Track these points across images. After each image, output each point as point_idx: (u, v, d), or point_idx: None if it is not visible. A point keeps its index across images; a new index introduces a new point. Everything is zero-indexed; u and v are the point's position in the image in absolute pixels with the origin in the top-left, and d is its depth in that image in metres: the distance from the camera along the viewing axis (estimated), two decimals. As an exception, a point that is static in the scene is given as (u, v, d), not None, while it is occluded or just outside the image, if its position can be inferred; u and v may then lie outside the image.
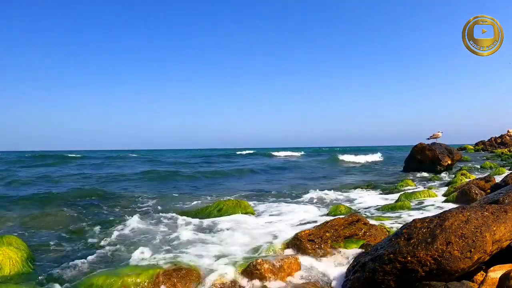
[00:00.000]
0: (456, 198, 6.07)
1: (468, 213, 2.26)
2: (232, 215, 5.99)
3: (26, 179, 12.44)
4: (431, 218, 2.35)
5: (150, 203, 8.03)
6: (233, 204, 6.24)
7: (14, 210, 7.26)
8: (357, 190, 9.59)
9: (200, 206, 7.21)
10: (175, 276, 2.53)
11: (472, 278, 2.22)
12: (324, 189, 10.11)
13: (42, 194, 9.00)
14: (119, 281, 2.49)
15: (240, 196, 8.87)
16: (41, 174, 14.97)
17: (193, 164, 22.36)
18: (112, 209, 7.46)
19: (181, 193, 9.60)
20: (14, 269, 3.42)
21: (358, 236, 3.59)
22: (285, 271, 2.69)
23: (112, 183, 11.72)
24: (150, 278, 2.49)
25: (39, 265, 3.91)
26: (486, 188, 6.41)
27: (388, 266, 2.24)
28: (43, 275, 3.58)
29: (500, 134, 35.99)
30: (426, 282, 2.11)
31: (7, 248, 3.60)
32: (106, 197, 8.80)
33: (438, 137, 14.69)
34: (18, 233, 5.30)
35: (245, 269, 2.76)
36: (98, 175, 14.22)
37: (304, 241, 3.35)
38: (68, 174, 14.95)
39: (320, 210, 6.78)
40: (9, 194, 9.15)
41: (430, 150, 13.78)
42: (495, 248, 2.17)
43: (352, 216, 3.74)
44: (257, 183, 11.84)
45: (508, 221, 2.24)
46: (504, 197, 3.51)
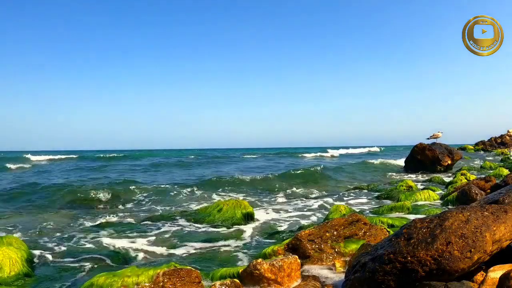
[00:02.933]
0: (456, 198, 6.07)
1: (468, 213, 2.26)
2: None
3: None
4: (431, 218, 2.35)
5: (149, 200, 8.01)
6: (233, 204, 6.24)
7: (14, 210, 7.27)
8: (357, 191, 9.59)
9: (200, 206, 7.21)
10: (175, 277, 2.53)
11: (472, 278, 2.22)
12: (325, 189, 10.12)
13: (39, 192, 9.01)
14: (119, 281, 2.49)
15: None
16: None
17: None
18: (120, 209, 7.46)
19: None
20: (14, 269, 3.42)
21: (358, 236, 3.59)
22: (285, 271, 2.69)
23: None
24: (150, 278, 2.49)
25: (39, 265, 3.91)
26: (486, 188, 6.41)
27: (388, 266, 2.24)
28: (43, 275, 3.58)
29: (500, 134, 35.97)
30: (426, 282, 2.11)
31: (7, 248, 3.60)
32: (117, 195, 8.80)
33: (438, 137, 14.70)
34: (18, 233, 5.31)
35: (245, 269, 2.76)
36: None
37: (304, 241, 3.35)
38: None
39: (320, 210, 6.78)
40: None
41: (430, 150, 13.79)
42: (495, 248, 2.17)
43: (352, 216, 3.74)
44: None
45: (508, 221, 2.24)
46: (504, 197, 3.51)
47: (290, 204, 7.72)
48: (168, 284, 2.47)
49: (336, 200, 8.05)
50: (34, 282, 3.35)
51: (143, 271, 2.57)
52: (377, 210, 6.35)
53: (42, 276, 3.54)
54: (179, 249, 4.47)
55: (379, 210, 6.30)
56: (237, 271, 2.88)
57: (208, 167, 19.70)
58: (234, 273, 2.91)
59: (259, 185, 10.93)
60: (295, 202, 7.98)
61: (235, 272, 2.90)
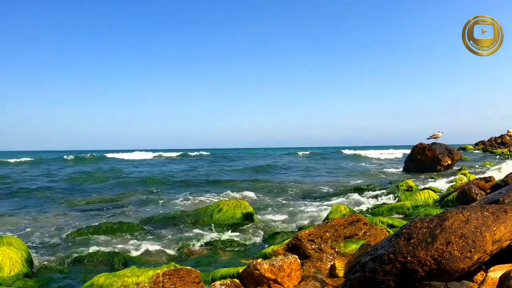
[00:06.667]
0: (456, 198, 6.07)
1: (468, 213, 2.26)
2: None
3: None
4: (431, 218, 2.35)
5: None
6: (233, 204, 6.24)
7: (14, 210, 7.27)
8: (357, 190, 9.58)
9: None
10: (175, 277, 2.53)
11: (472, 278, 2.22)
12: (324, 189, 10.11)
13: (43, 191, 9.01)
14: (119, 281, 2.49)
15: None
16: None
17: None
18: (121, 211, 7.46)
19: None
20: (14, 269, 3.42)
21: (358, 236, 3.59)
22: (285, 271, 2.69)
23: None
24: (150, 278, 2.49)
25: (39, 265, 3.91)
26: (486, 188, 6.41)
27: (388, 266, 2.24)
28: (43, 275, 3.58)
29: (500, 134, 35.95)
30: (426, 282, 2.11)
31: (7, 248, 3.60)
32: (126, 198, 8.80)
33: (438, 137, 14.69)
34: (18, 233, 5.31)
35: (245, 269, 2.76)
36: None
37: (304, 241, 3.35)
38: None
39: (320, 210, 6.78)
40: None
41: (430, 150, 13.78)
42: (495, 248, 2.17)
43: (352, 216, 3.73)
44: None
45: (508, 221, 2.24)
46: (504, 197, 3.51)
47: (291, 204, 7.72)
48: (168, 284, 2.47)
49: (336, 200, 8.04)
50: (34, 282, 3.35)
51: (143, 271, 2.57)
52: (377, 210, 6.35)
53: (42, 276, 3.54)
54: (179, 249, 4.47)
55: (379, 210, 6.30)
56: (237, 271, 2.88)
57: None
58: (234, 273, 2.91)
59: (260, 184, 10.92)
60: (296, 202, 7.98)
61: (235, 272, 2.90)
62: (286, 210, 6.91)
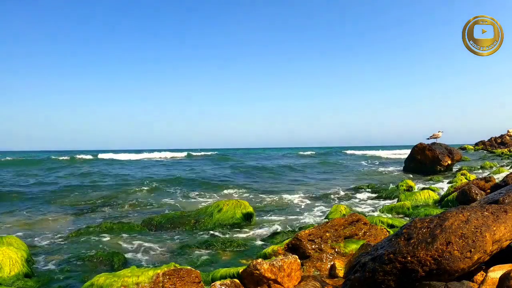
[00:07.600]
0: (456, 198, 6.06)
1: (468, 213, 2.26)
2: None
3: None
4: (431, 218, 2.35)
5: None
6: (233, 204, 6.23)
7: (14, 210, 7.27)
8: (357, 190, 9.59)
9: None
10: (175, 276, 2.53)
11: (472, 278, 2.22)
12: (325, 189, 10.11)
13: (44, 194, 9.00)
14: (119, 281, 2.49)
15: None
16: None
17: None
18: (121, 211, 7.46)
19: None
20: (14, 269, 3.41)
21: (358, 236, 3.59)
22: (285, 271, 2.69)
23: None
24: (150, 278, 2.49)
25: (39, 265, 3.91)
26: (486, 188, 6.40)
27: (388, 266, 2.24)
28: (43, 275, 3.58)
29: (500, 134, 35.92)
30: (426, 282, 2.11)
31: (7, 248, 3.60)
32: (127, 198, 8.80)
33: (438, 137, 14.67)
34: (18, 233, 5.31)
35: (245, 269, 2.76)
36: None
37: (304, 241, 3.35)
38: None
39: (320, 210, 6.78)
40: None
41: (430, 150, 13.77)
42: (495, 248, 2.17)
43: (352, 216, 3.73)
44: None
45: (508, 221, 2.23)
46: (504, 197, 3.50)
47: (291, 203, 7.72)
48: (168, 284, 2.47)
49: (336, 200, 8.04)
50: (34, 282, 3.35)
51: (143, 271, 2.57)
52: (377, 210, 6.35)
53: (42, 276, 3.54)
54: (179, 249, 4.47)
55: (379, 210, 6.30)
56: (237, 271, 2.88)
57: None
58: (234, 273, 2.91)
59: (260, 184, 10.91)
60: (296, 201, 7.98)
61: (235, 272, 2.90)
62: (286, 210, 6.91)
